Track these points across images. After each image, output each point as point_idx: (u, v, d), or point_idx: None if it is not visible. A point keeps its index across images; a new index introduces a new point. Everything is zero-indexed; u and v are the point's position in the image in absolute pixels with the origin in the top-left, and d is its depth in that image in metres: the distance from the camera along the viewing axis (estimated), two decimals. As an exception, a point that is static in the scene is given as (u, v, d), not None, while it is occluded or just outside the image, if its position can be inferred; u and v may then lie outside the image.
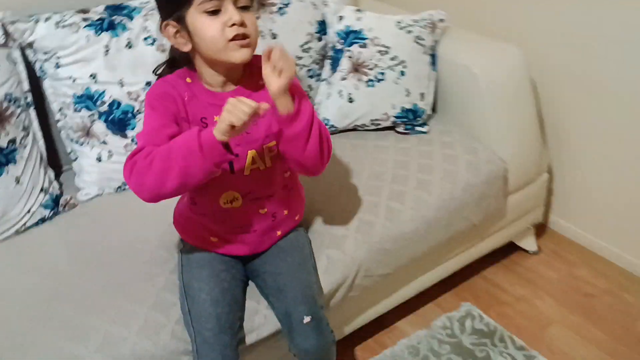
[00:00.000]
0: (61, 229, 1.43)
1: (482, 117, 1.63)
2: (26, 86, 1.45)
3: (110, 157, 1.50)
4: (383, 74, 1.62)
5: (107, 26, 1.45)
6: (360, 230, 1.38)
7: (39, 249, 1.37)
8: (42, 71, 1.46)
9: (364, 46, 1.63)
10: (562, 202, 1.93)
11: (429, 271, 1.61)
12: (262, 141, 1.15)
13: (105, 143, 1.49)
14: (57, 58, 1.43)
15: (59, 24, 1.42)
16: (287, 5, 1.67)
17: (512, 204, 1.69)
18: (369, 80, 1.63)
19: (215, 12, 1.02)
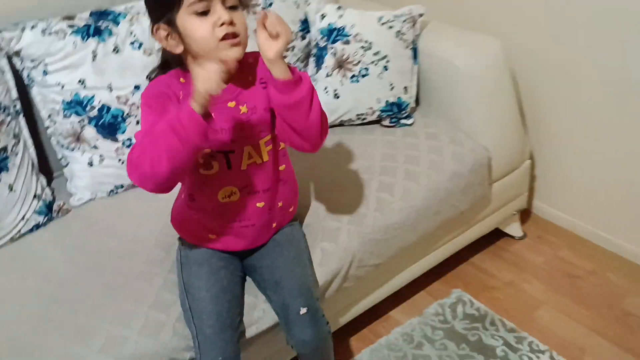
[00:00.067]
0: (56, 234, 1.44)
1: (465, 107, 1.66)
2: (14, 94, 1.45)
3: (101, 161, 1.51)
4: (367, 69, 1.65)
5: (93, 32, 1.46)
6: (352, 222, 1.41)
7: (35, 255, 1.37)
8: (29, 79, 1.46)
9: (347, 43, 1.65)
10: (544, 187, 1.96)
11: (419, 260, 1.64)
12: (257, 136, 1.16)
13: (96, 148, 1.50)
14: (45, 65, 1.43)
15: (45, 31, 1.42)
16: (269, 5, 1.70)
17: (496, 191, 1.72)
18: (353, 76, 1.65)
19: (205, 13, 1.03)
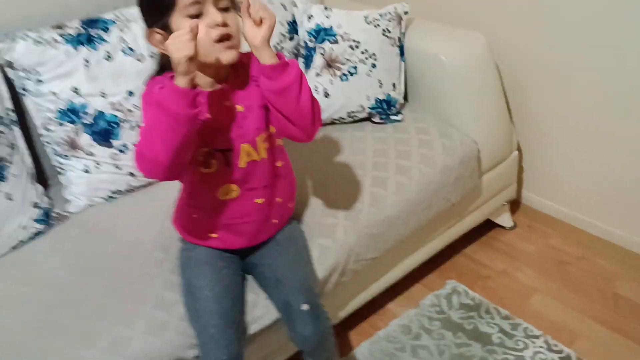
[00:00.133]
0: (56, 241, 1.45)
1: (452, 101, 1.69)
2: (8, 104, 1.46)
3: (97, 167, 1.52)
4: (355, 67, 1.68)
5: (85, 40, 1.47)
6: (348, 218, 1.44)
7: (36, 262, 1.38)
8: (23, 89, 1.47)
9: (335, 42, 1.68)
10: (532, 178, 2.00)
11: (414, 252, 1.67)
12: (254, 133, 1.18)
13: (91, 154, 1.51)
14: (38, 74, 1.44)
15: (36, 41, 1.43)
16: (257, 8, 1.72)
17: (486, 182, 1.76)
18: (342, 75, 1.68)
19: (198, 16, 1.04)
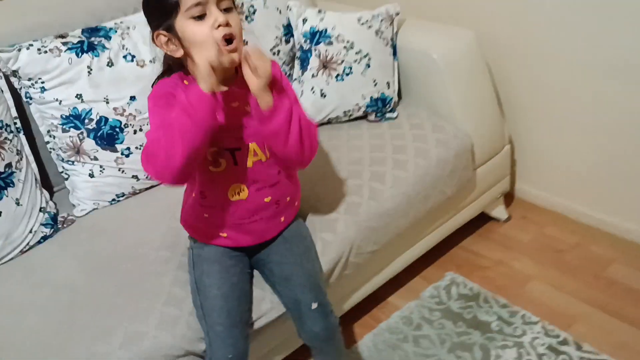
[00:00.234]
0: (64, 244, 1.49)
1: (445, 97, 1.73)
2: (14, 112, 1.50)
3: (102, 171, 1.56)
4: (350, 68, 1.72)
5: (87, 48, 1.51)
6: (348, 212, 1.48)
7: (46, 265, 1.42)
8: (27, 97, 1.51)
9: (329, 44, 1.72)
10: (525, 170, 2.04)
11: (413, 245, 1.72)
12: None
13: (96, 159, 1.55)
14: (42, 82, 1.48)
15: (40, 50, 1.47)
16: (253, 13, 1.77)
17: (480, 175, 1.81)
18: (338, 75, 1.73)
19: (201, 17, 1.07)
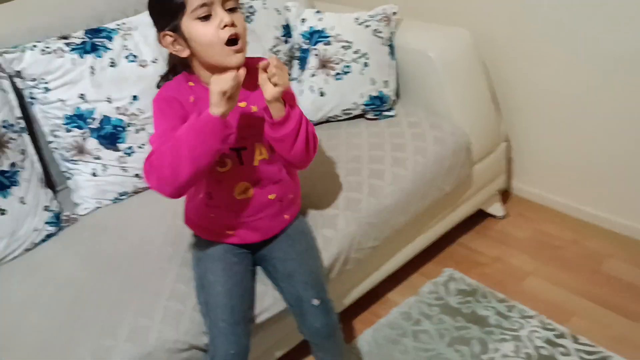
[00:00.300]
0: (67, 242, 1.50)
1: (441, 95, 1.76)
2: (18, 113, 1.52)
3: (105, 170, 1.58)
4: (349, 67, 1.75)
5: (89, 48, 1.54)
6: (348, 208, 1.50)
7: (51, 262, 1.44)
8: (31, 97, 1.53)
9: (328, 44, 1.75)
10: (521, 168, 2.07)
11: (411, 242, 1.74)
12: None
13: (99, 158, 1.57)
14: (45, 83, 1.50)
15: (44, 51, 1.49)
16: (253, 14, 1.80)
17: (477, 172, 1.83)
18: (336, 74, 1.75)
19: (207, 17, 1.09)
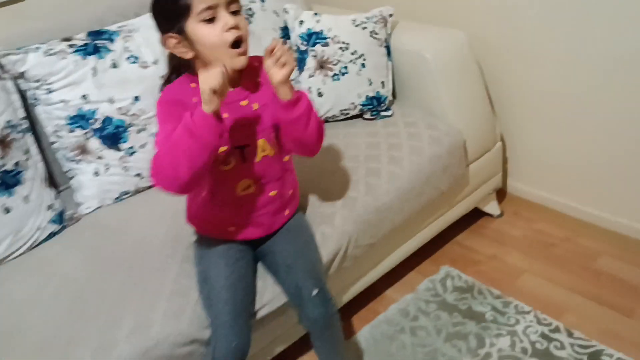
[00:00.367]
0: (70, 240, 1.53)
1: (437, 96, 1.79)
2: (21, 113, 1.55)
3: (107, 170, 1.61)
4: (346, 68, 1.78)
5: (92, 50, 1.57)
6: (345, 206, 1.53)
7: (54, 260, 1.46)
8: (34, 98, 1.56)
9: (326, 45, 1.78)
10: (516, 167, 2.10)
11: (408, 240, 1.77)
12: (270, 129, 1.26)
13: (101, 158, 1.60)
14: (48, 84, 1.53)
15: (47, 52, 1.52)
16: (252, 16, 1.83)
17: (473, 172, 1.86)
18: (334, 75, 1.78)
19: (212, 20, 1.12)
